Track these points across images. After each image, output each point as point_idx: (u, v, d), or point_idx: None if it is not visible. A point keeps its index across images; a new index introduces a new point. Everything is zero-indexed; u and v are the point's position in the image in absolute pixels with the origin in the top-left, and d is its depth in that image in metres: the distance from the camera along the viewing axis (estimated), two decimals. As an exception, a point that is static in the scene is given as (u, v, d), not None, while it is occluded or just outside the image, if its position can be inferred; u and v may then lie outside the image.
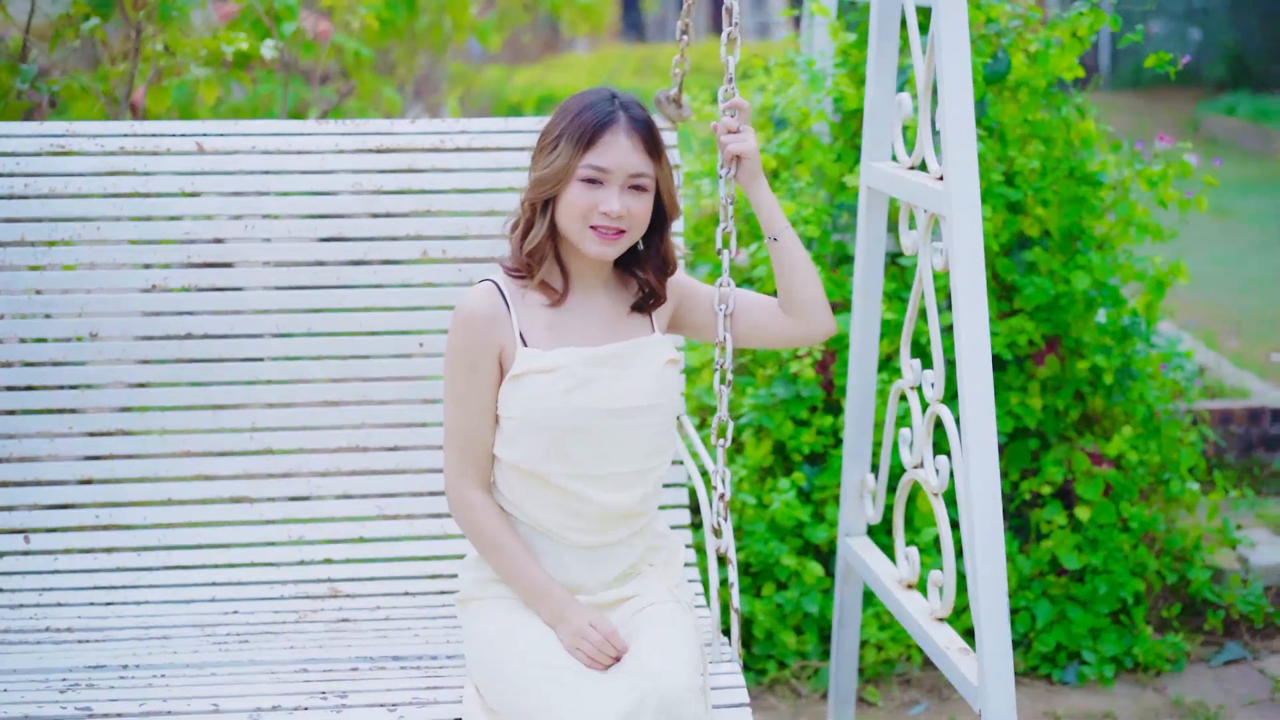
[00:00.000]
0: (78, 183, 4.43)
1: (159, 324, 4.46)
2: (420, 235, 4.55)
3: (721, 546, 3.95)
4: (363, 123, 4.61)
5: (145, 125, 4.50)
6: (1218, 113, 17.77)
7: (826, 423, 5.66)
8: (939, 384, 4.07)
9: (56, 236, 4.40)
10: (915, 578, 4.38)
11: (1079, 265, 5.64)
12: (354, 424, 4.53)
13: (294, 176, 4.51)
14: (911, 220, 4.20)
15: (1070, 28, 5.58)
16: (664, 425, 3.78)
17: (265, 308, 4.50)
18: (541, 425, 3.63)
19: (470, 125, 4.63)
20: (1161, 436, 5.80)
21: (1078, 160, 5.69)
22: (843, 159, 5.82)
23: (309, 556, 4.48)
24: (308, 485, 4.52)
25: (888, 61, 4.52)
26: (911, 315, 4.33)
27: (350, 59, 6.54)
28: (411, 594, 4.44)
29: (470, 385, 3.68)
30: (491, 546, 3.71)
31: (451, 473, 3.75)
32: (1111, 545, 5.63)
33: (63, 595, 4.36)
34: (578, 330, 3.73)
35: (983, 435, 3.74)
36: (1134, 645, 5.62)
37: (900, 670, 5.60)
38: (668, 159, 3.73)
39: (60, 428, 4.44)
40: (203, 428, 4.49)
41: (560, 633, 3.62)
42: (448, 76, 10.54)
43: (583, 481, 3.66)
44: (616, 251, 3.68)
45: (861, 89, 5.68)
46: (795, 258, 3.83)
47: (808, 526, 5.58)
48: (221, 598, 4.38)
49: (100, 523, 4.45)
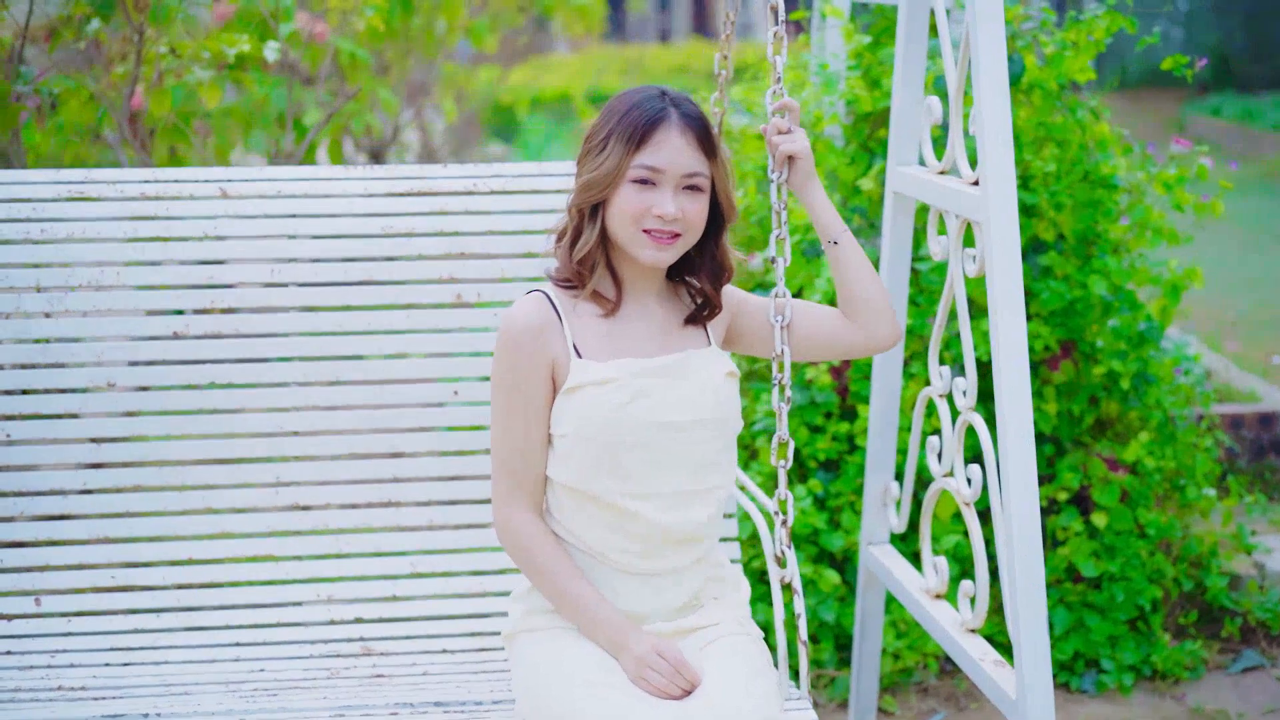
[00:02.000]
0: (96, 227, 4.17)
1: (180, 373, 4.20)
2: (454, 278, 4.30)
3: (786, 576, 3.69)
4: (393, 168, 4.36)
5: (167, 171, 4.25)
6: (1203, 114, 17.70)
7: (842, 429, 5.51)
8: (971, 391, 3.99)
9: (74, 282, 4.15)
10: (944, 588, 4.28)
11: (1095, 269, 5.49)
12: (385, 478, 4.29)
13: (322, 220, 4.27)
14: (941, 226, 4.07)
15: (1087, 30, 5.45)
16: (723, 441, 3.52)
17: (291, 355, 4.24)
18: (596, 440, 3.37)
19: (504, 169, 4.39)
20: (1177, 442, 5.67)
21: (1093, 164, 5.52)
22: (856, 162, 5.67)
23: (339, 616, 4.22)
24: (336, 543, 4.27)
25: (915, 64, 4.37)
26: (940, 322, 4.23)
27: (346, 60, 6.39)
28: (451, 651, 4.19)
29: (521, 402, 3.43)
30: (544, 573, 3.43)
31: (500, 499, 3.48)
32: (1129, 552, 5.51)
33: (76, 656, 4.10)
34: (632, 341, 3.47)
35: (1021, 444, 3.63)
36: (1152, 653, 5.51)
37: (917, 679, 5.48)
38: (724, 158, 3.48)
39: (74, 484, 4.17)
40: (225, 483, 4.23)
41: (623, 662, 3.34)
42: (440, 78, 10.36)
43: (638, 500, 3.39)
44: (672, 256, 3.43)
45: (874, 91, 5.58)
46: (856, 261, 3.58)
47: (824, 534, 5.45)
48: (246, 657, 4.12)
49: (116, 583, 4.18)
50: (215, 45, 5.54)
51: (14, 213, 4.17)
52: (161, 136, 5.69)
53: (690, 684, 3.31)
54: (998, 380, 3.64)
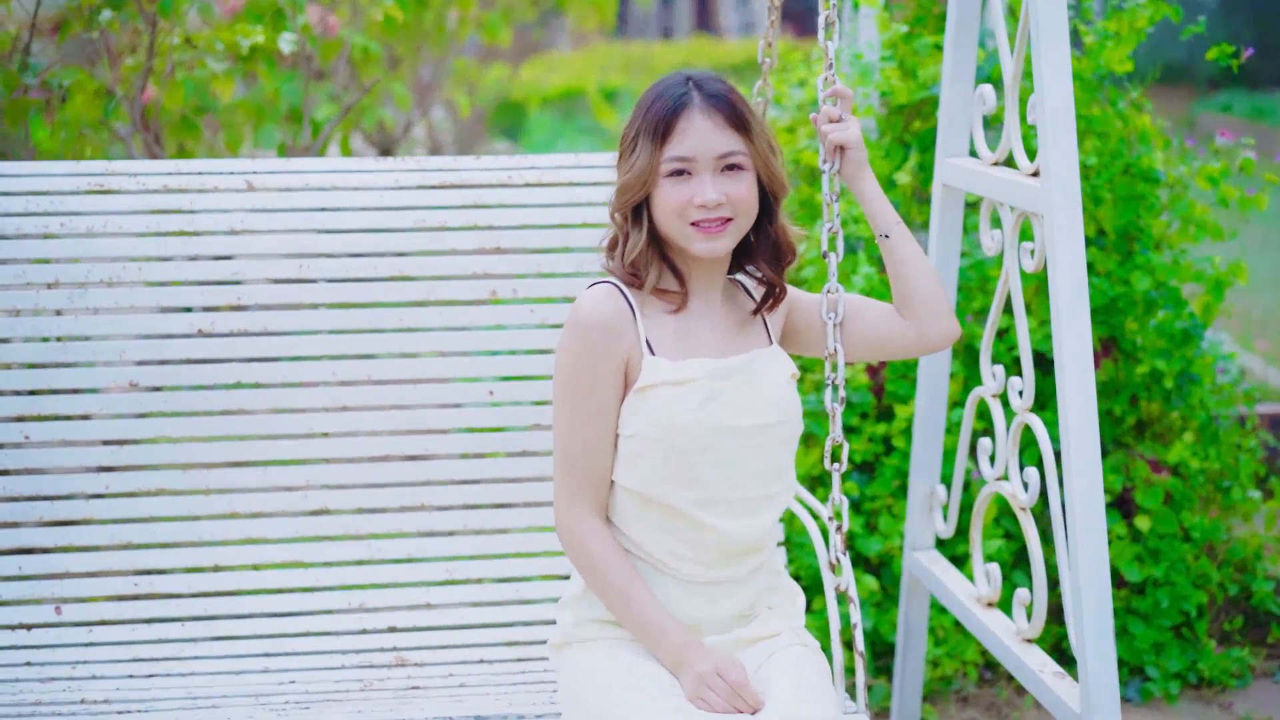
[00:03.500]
0: (118, 221, 4.06)
1: (205, 372, 4.09)
2: (489, 274, 4.18)
3: (841, 584, 3.61)
4: (424, 160, 4.25)
5: (190, 163, 4.14)
6: (1213, 111, 17.57)
7: (879, 430, 5.39)
8: (1029, 392, 3.88)
9: (94, 279, 4.04)
10: (996, 596, 4.18)
11: (1137, 265, 5.38)
12: (419, 481, 4.17)
13: (351, 214, 4.15)
14: (994, 219, 3.97)
15: (1130, 20, 5.29)
16: (788, 446, 3.43)
17: (320, 354, 4.14)
18: (666, 443, 3.25)
19: (539, 161, 4.28)
20: (1220, 443, 5.56)
21: (1134, 157, 5.41)
22: (891, 156, 5.55)
23: (371, 625, 4.10)
24: (368, 549, 4.16)
25: (966, 52, 4.27)
26: (994, 319, 4.11)
27: (358, 54, 6.29)
28: (488, 661, 4.07)
29: (591, 402, 3.29)
30: (606, 580, 3.30)
31: (564, 501, 3.34)
32: (1174, 556, 5.39)
33: (98, 668, 3.97)
34: (701, 341, 3.36)
35: (1086, 448, 3.52)
36: (1198, 660, 5.39)
37: (956, 687, 5.38)
38: (762, 132, 3.33)
39: (95, 487, 4.06)
40: (252, 486, 4.13)
41: (682, 680, 3.23)
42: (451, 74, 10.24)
43: (707, 509, 3.28)
44: (728, 244, 3.31)
45: (910, 82, 5.48)
46: (910, 255, 3.47)
47: (860, 538, 5.32)
48: (275, 668, 4.01)
49: (139, 591, 4.07)
50: (229, 36, 5.47)
51: (32, 206, 4.06)
52: (171, 132, 5.63)
53: (750, 706, 3.21)
54: (1061, 380, 3.55)
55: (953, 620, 5.30)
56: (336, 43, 6.13)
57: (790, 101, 5.84)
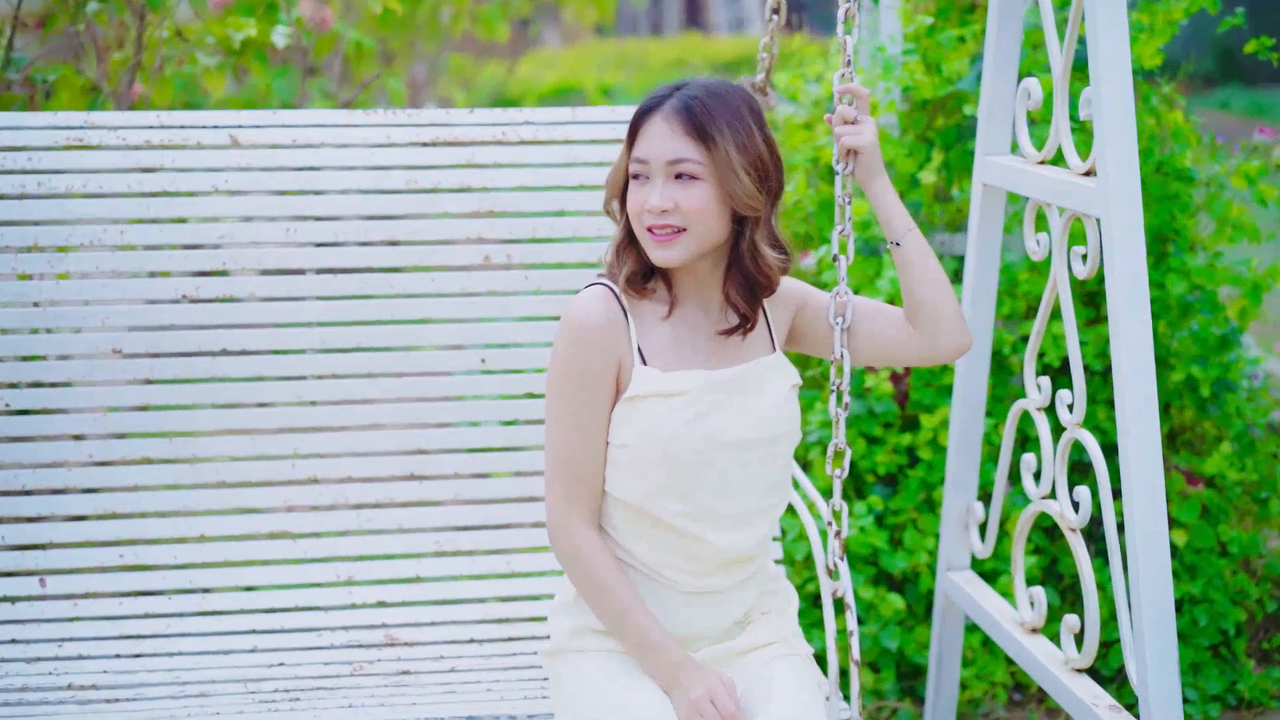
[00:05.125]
0: (98, 180, 4.04)
1: (190, 338, 4.07)
2: (482, 238, 4.17)
3: (838, 590, 3.53)
4: (416, 113, 4.25)
5: (173, 116, 4.13)
6: (1211, 108, 17.47)
7: (903, 441, 5.28)
8: (1079, 406, 3.76)
9: (74, 241, 4.02)
10: (1041, 622, 4.06)
11: (1172, 268, 5.27)
12: (409, 449, 4.15)
13: (340, 173, 4.13)
14: (1039, 220, 3.91)
15: (1164, 12, 5.09)
16: (786, 458, 3.44)
17: (309, 320, 4.12)
18: (658, 457, 3.25)
19: (535, 115, 4.27)
20: (1256, 453, 5.42)
21: (1166, 155, 5.30)
22: (914, 153, 5.46)
23: (360, 599, 4.10)
24: (357, 518, 4.13)
25: (1010, 44, 4.17)
26: (1039, 327, 3.99)
27: (352, 50, 6.14)
28: (478, 641, 4.06)
29: (584, 405, 3.27)
30: (601, 592, 3.29)
31: (557, 507, 3.33)
32: (1211, 572, 5.27)
33: (84, 646, 3.95)
34: (697, 350, 3.35)
35: (1148, 467, 3.41)
36: (1237, 681, 5.26)
37: (985, 710, 5.25)
38: (731, 145, 3.22)
39: (79, 456, 4.04)
40: (239, 455, 4.10)
41: (675, 702, 3.24)
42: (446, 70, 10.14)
43: (700, 522, 3.29)
44: (678, 255, 3.25)
45: (934, 77, 5.38)
46: (923, 265, 3.40)
47: (884, 554, 5.20)
48: (264, 647, 4.00)
49: (125, 562, 4.05)
50: (220, 30, 5.50)
51: (7, 163, 4.07)
52: None
53: None
54: (1120, 393, 3.46)
55: (981, 639, 5.22)
56: (331, 37, 6.14)
57: (807, 98, 5.72)
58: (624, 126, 3.87)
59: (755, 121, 3.28)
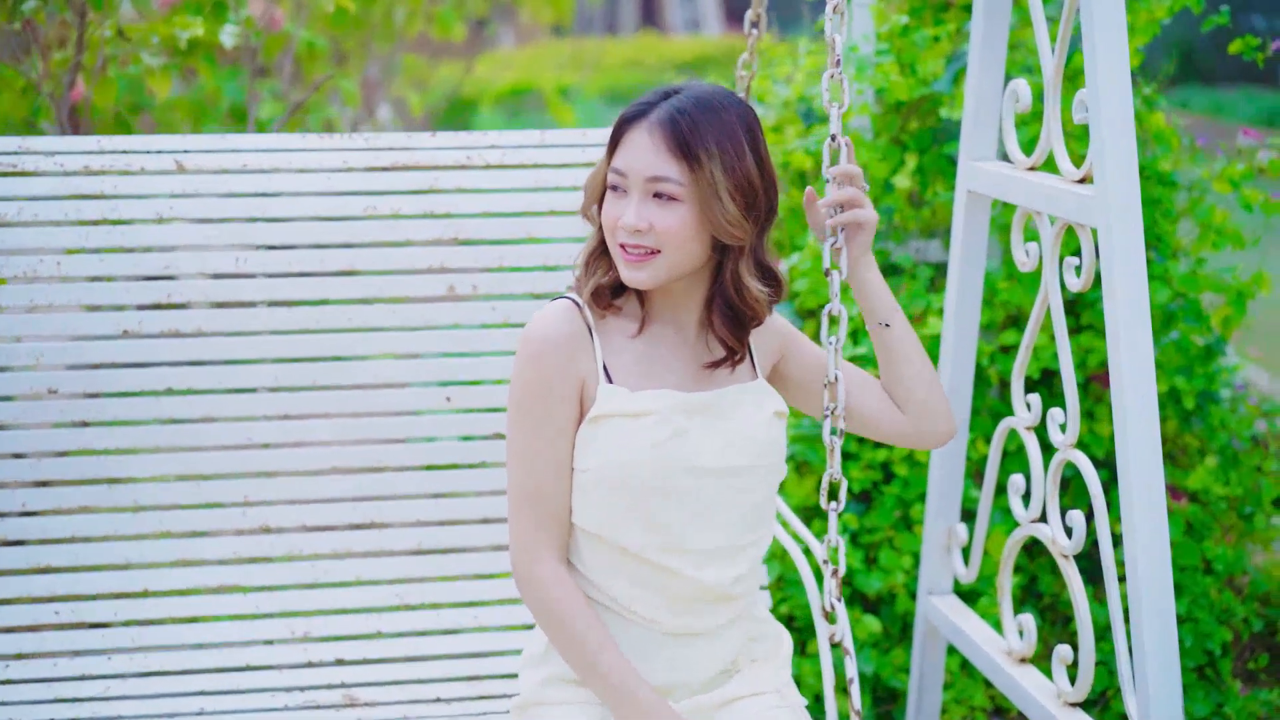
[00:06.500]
0: (34, 208, 3.82)
1: (132, 377, 3.86)
2: (446, 267, 3.98)
3: (836, 634, 3.37)
4: (374, 137, 4.06)
5: (114, 140, 3.93)
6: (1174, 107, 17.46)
7: (877, 456, 5.13)
8: (1073, 426, 3.67)
9: (7, 273, 3.81)
10: (1031, 651, 3.95)
11: (1154, 275, 5.15)
12: (368, 495, 3.97)
13: (294, 199, 3.93)
14: (1029, 230, 3.80)
15: (1147, 11, 5.05)
16: (767, 491, 3.20)
17: (260, 356, 3.92)
18: (623, 482, 3.04)
19: (501, 139, 4.09)
20: (1240, 466, 5.32)
21: (1149, 159, 5.19)
22: (888, 157, 5.31)
23: (317, 657, 3.90)
24: (313, 570, 3.94)
25: (995, 44, 4.04)
26: (1028, 342, 3.89)
27: (303, 50, 6.02)
28: (445, 700, 3.85)
29: (545, 427, 3.08)
30: (571, 639, 3.07)
31: (520, 542, 3.12)
32: (1196, 590, 5.13)
33: (16, 711, 3.74)
34: (669, 371, 3.14)
35: (1150, 493, 3.31)
36: (1224, 704, 5.12)
37: None
38: (718, 166, 3.00)
39: (11, 505, 3.83)
40: (185, 502, 3.91)
41: None
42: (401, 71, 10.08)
43: (670, 554, 3.08)
44: (648, 278, 3.04)
45: (909, 78, 5.23)
46: (908, 350, 3.26)
47: (859, 574, 5.05)
48: (212, 710, 3.78)
49: (61, 620, 3.84)
50: (166, 29, 5.28)
51: None
52: (102, 132, 5.38)
53: None
54: (1120, 411, 3.36)
55: (959, 662, 5.08)
56: (281, 37, 5.99)
57: (775, 99, 5.59)
58: (596, 150, 3.63)
59: (749, 140, 3.05)
